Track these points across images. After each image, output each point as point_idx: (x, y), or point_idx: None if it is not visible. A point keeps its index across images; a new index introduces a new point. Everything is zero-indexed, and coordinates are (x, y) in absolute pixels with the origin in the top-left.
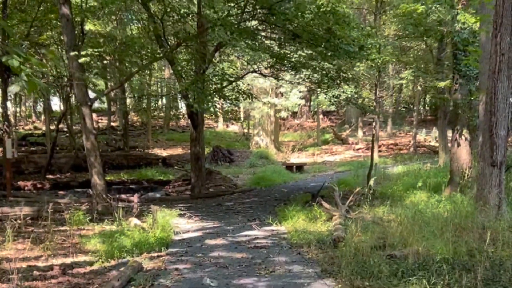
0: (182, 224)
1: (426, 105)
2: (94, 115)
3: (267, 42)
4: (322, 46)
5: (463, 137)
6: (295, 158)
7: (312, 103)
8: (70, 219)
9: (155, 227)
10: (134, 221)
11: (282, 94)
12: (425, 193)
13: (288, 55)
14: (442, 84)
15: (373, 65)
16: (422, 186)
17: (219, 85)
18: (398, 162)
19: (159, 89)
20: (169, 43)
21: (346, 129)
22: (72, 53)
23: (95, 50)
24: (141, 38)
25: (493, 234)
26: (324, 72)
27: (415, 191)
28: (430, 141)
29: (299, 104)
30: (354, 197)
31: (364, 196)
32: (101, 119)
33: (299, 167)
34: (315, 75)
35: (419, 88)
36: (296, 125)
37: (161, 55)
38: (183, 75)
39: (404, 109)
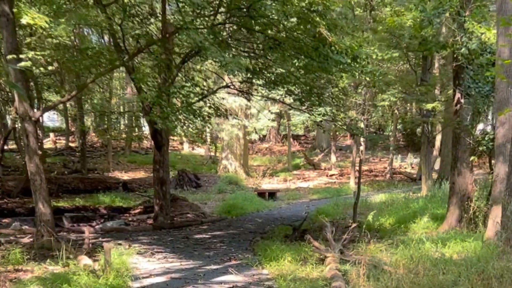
0: (143, 264)
1: (401, 130)
2: (51, 134)
3: (243, 52)
4: (309, 56)
5: (464, 164)
6: (267, 184)
7: (281, 126)
8: (5, 257)
9: (108, 271)
10: (84, 260)
11: (252, 115)
12: (421, 227)
13: (269, 67)
14: (429, 106)
15: (367, 79)
16: (414, 218)
17: (187, 99)
18: (376, 190)
19: (121, 107)
20: (128, 49)
21: (317, 153)
22: (9, 56)
23: (38, 53)
24: (96, 44)
25: None
26: (308, 87)
27: (409, 224)
28: (405, 168)
29: (271, 126)
30: (349, 235)
31: (353, 231)
32: (59, 139)
33: (272, 194)
34: (296, 90)
35: (396, 111)
36: (265, 149)
37: (118, 63)
38: (144, 86)
39: (375, 133)
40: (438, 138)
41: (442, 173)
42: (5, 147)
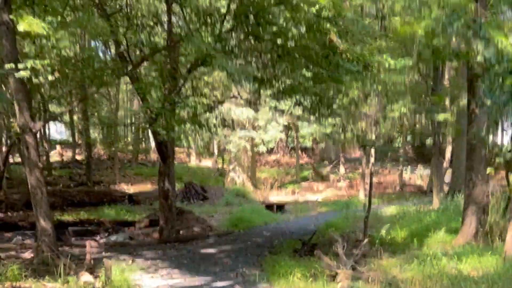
0: (146, 281)
1: (410, 142)
2: (58, 147)
3: (250, 61)
4: (319, 64)
5: (479, 176)
6: (275, 196)
7: (289, 138)
8: (2, 274)
9: None
10: (84, 277)
11: (259, 127)
12: (435, 241)
13: (277, 77)
14: (441, 116)
15: (379, 88)
16: (427, 232)
17: (194, 110)
18: (386, 202)
19: (127, 120)
20: (133, 59)
21: (325, 165)
22: (8, 66)
23: (38, 62)
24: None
25: None
26: (317, 97)
27: (422, 238)
28: (415, 180)
29: (279, 138)
30: (360, 250)
31: (365, 246)
32: (66, 152)
33: (280, 207)
34: (306, 101)
35: (406, 123)
36: (273, 161)
37: (121, 72)
38: (149, 97)
39: (385, 146)
40: (448, 149)
41: (454, 185)
42: (11, 160)
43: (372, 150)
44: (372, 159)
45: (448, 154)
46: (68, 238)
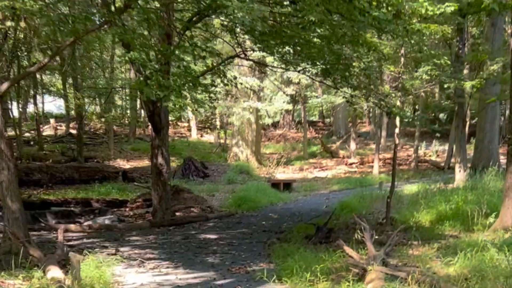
0: (129, 276)
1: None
2: (52, 121)
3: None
4: (339, 12)
5: None
6: (281, 174)
7: (295, 112)
8: None
9: None
10: (52, 271)
11: (265, 98)
12: (470, 226)
13: (286, 33)
14: (468, 84)
15: (412, 41)
16: (458, 215)
17: (189, 71)
18: (402, 180)
19: (125, 91)
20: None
21: (334, 140)
22: None
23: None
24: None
25: None
26: (335, 56)
27: (453, 221)
28: (430, 156)
29: (286, 110)
30: (393, 239)
31: (398, 234)
32: (60, 126)
33: (287, 185)
34: (320, 62)
35: (422, 94)
36: (278, 136)
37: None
38: (137, 50)
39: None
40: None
41: (476, 161)
42: None
43: (397, 121)
44: (397, 130)
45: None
46: (48, 221)
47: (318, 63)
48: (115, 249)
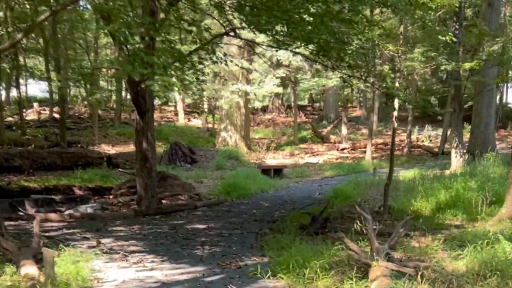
0: (109, 272)
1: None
2: (35, 105)
3: None
4: None
5: None
6: (271, 159)
7: (284, 96)
8: None
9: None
10: (26, 267)
11: (254, 81)
12: (474, 215)
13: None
14: (467, 65)
15: (416, 16)
16: (460, 202)
17: (178, 49)
18: (396, 165)
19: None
20: None
21: (325, 125)
22: None
23: None
24: None
25: None
26: (329, 34)
27: (456, 210)
28: (423, 141)
29: (275, 94)
30: (397, 232)
31: (404, 226)
32: (44, 110)
33: (278, 171)
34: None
35: (416, 77)
36: (268, 120)
37: None
38: (118, 23)
39: (385, 104)
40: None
41: (473, 146)
42: None
43: (396, 104)
44: (395, 113)
45: None
46: (27, 210)
47: (312, 41)
48: (96, 241)
